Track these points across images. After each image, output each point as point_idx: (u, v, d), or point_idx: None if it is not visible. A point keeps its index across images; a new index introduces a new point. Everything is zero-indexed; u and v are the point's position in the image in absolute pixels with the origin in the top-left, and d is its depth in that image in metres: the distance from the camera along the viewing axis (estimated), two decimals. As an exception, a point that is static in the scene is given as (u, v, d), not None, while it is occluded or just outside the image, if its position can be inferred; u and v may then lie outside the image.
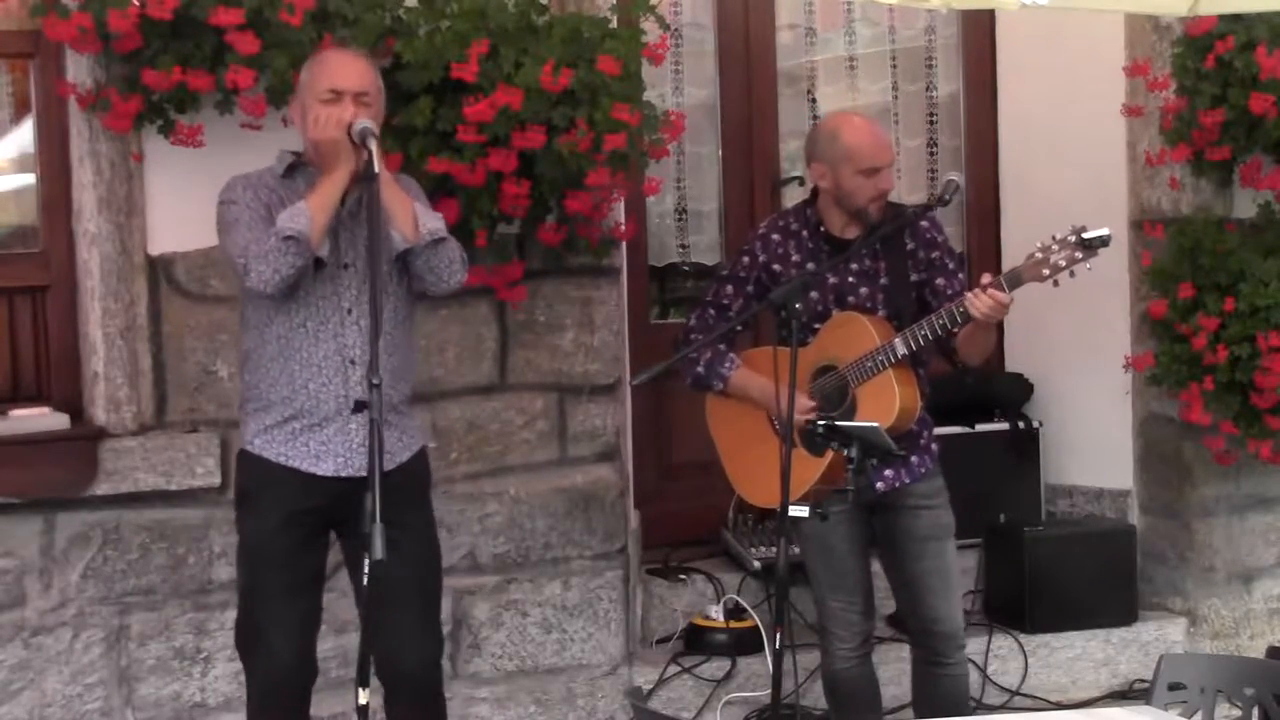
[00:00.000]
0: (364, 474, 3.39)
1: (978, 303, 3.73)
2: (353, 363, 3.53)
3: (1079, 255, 3.68)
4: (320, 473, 3.57)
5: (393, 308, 3.61)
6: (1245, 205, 5.20)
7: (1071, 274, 3.71)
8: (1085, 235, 3.67)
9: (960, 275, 4.07)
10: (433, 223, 3.55)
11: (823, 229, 4.08)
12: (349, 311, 3.54)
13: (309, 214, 3.42)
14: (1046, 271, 3.70)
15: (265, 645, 3.59)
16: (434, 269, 3.56)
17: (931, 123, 5.87)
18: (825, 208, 4.07)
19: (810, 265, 4.01)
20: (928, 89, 5.86)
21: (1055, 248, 3.69)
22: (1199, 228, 5.06)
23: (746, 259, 4.15)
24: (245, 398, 3.69)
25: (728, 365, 4.11)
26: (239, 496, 3.71)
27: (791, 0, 5.71)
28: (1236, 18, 4.77)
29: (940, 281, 4.02)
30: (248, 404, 3.67)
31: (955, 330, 3.83)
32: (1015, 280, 3.74)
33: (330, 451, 3.57)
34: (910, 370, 3.95)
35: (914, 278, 4.03)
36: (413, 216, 3.51)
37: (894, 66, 5.85)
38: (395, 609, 3.58)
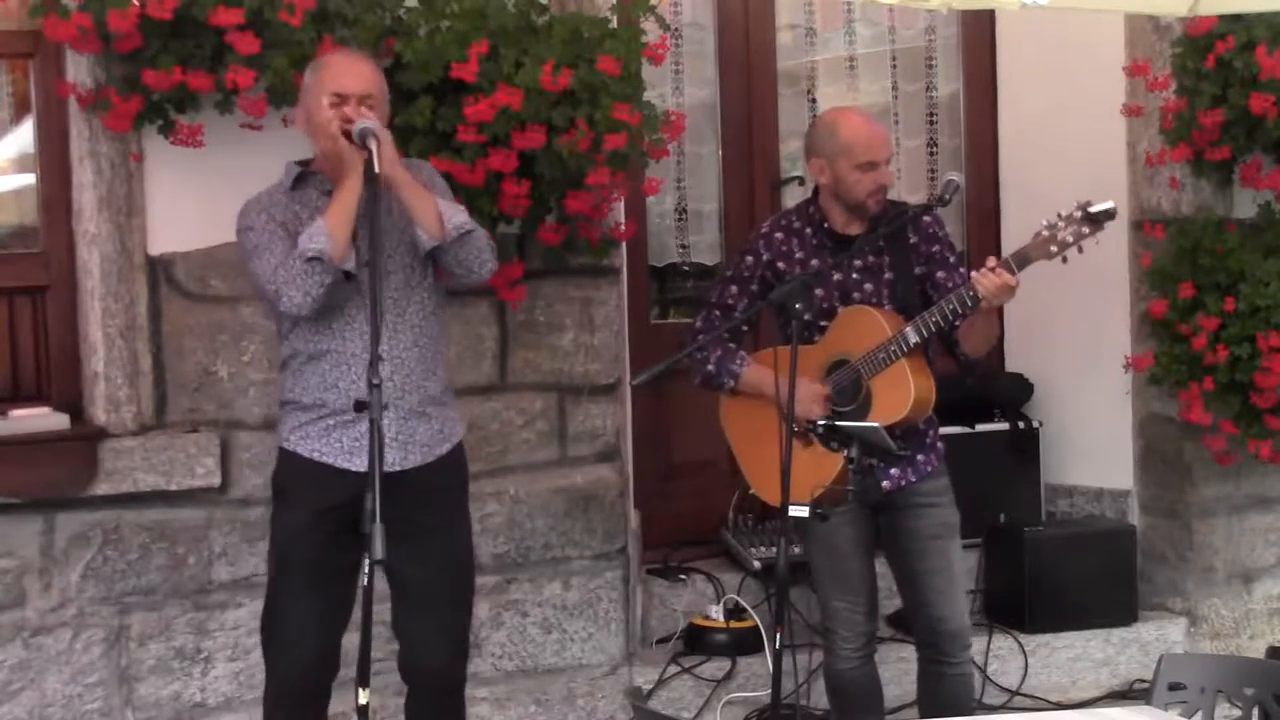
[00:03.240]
0: (398, 469, 3.44)
1: (985, 282, 3.73)
2: (381, 358, 3.52)
3: (1086, 230, 3.69)
4: (353, 468, 3.57)
5: (420, 301, 3.62)
6: (1245, 205, 5.20)
7: (1080, 250, 3.71)
8: (1091, 209, 3.68)
9: (961, 270, 4.06)
10: (458, 217, 3.55)
11: (826, 226, 4.08)
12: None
13: (327, 231, 3.43)
14: (1054, 249, 3.71)
15: (285, 639, 3.61)
16: (463, 262, 3.57)
17: (931, 123, 5.88)
18: (827, 204, 4.08)
19: (814, 263, 4.02)
20: (928, 89, 5.87)
21: (1062, 225, 3.70)
22: (1199, 228, 5.06)
23: (750, 259, 4.15)
24: (282, 398, 3.72)
25: (739, 362, 4.11)
26: (275, 492, 3.74)
27: (791, 0, 5.72)
28: (1236, 18, 4.77)
29: (941, 275, 4.02)
30: (284, 406, 3.69)
31: (959, 320, 3.83)
32: (1024, 259, 3.75)
33: (363, 447, 3.54)
34: (924, 359, 3.96)
35: (917, 271, 4.03)
36: (436, 213, 3.51)
37: (894, 66, 5.85)
38: (420, 606, 3.59)
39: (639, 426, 5.15)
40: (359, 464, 3.57)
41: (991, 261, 3.77)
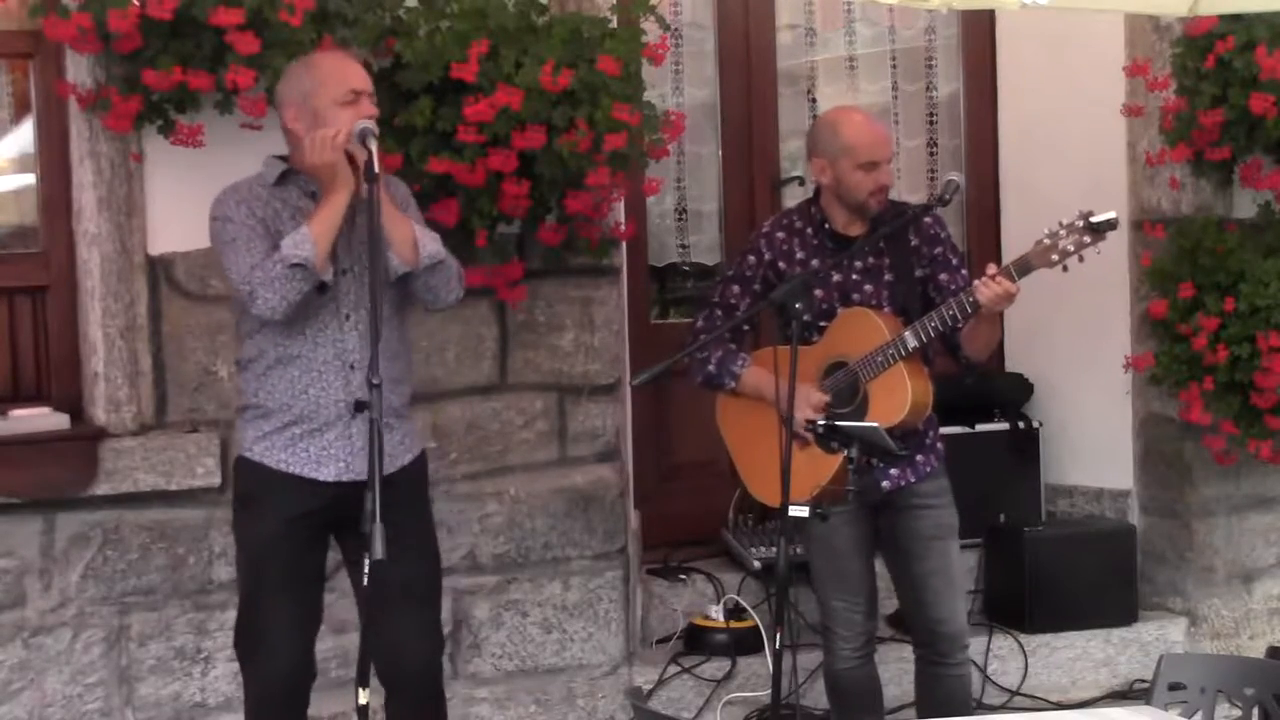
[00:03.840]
0: (365, 478, 3.38)
1: (985, 290, 3.74)
2: (352, 367, 3.52)
3: (1087, 240, 3.69)
4: (322, 478, 3.56)
5: (388, 314, 3.59)
6: (1245, 205, 5.20)
7: (1081, 259, 3.71)
8: (1093, 219, 3.68)
9: (964, 271, 4.06)
10: (432, 245, 3.54)
11: (827, 226, 4.08)
12: (347, 317, 3.53)
13: (313, 240, 3.41)
14: (1055, 257, 3.71)
15: (265, 648, 3.58)
16: (432, 289, 3.57)
17: (931, 123, 5.88)
18: (829, 204, 4.08)
19: (815, 263, 4.02)
20: (928, 89, 5.87)
21: (1063, 233, 3.70)
22: (1199, 228, 5.06)
23: (752, 258, 4.15)
24: (243, 404, 3.68)
25: (740, 363, 4.10)
26: (238, 501, 3.70)
27: (791, 0, 5.72)
28: (1236, 18, 4.77)
29: (944, 277, 4.02)
30: (246, 411, 3.66)
31: (960, 325, 3.83)
32: (1025, 267, 3.75)
33: (331, 456, 3.56)
34: (921, 364, 3.96)
35: (918, 274, 4.03)
36: (412, 240, 3.50)
37: (894, 66, 5.85)
38: (395, 609, 3.58)
39: (639, 426, 5.15)
40: (327, 473, 3.56)
41: (992, 269, 3.77)
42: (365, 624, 3.25)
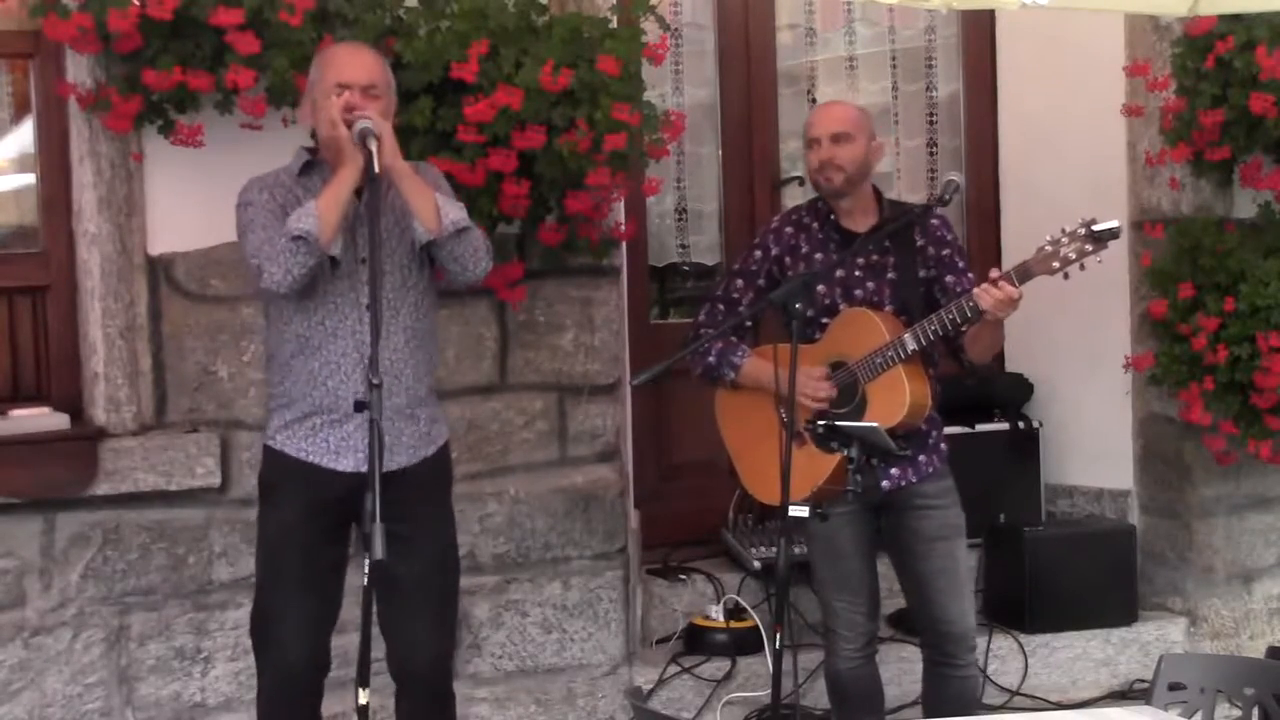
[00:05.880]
0: (385, 469, 3.40)
1: (987, 296, 3.72)
2: (370, 360, 3.52)
3: (1089, 248, 3.67)
4: (340, 468, 3.57)
5: (414, 302, 3.62)
6: (1245, 205, 5.20)
7: (1082, 267, 3.70)
8: (1095, 228, 3.66)
9: (970, 274, 4.04)
10: (456, 213, 3.55)
11: (833, 219, 4.08)
12: (367, 307, 3.53)
13: (316, 213, 3.43)
14: (1056, 264, 3.69)
15: (278, 638, 3.60)
16: (458, 259, 3.56)
17: (931, 123, 5.88)
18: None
19: (818, 257, 4.02)
20: (928, 89, 5.87)
21: (1065, 240, 3.69)
22: (1199, 228, 5.06)
23: (758, 253, 4.15)
24: (269, 395, 3.72)
25: (740, 354, 4.10)
26: (261, 489, 3.73)
27: (791, 0, 5.72)
28: (1236, 18, 4.77)
29: (950, 279, 4.01)
30: (271, 400, 3.69)
31: (964, 326, 3.82)
32: (1025, 274, 3.74)
33: (350, 447, 3.57)
34: (921, 366, 3.95)
35: (922, 274, 4.03)
36: (434, 207, 3.51)
37: (894, 66, 5.85)
38: (408, 606, 3.59)
39: (639, 426, 5.15)
40: (345, 464, 3.58)
41: (994, 273, 3.76)
42: (364, 623, 3.25)
